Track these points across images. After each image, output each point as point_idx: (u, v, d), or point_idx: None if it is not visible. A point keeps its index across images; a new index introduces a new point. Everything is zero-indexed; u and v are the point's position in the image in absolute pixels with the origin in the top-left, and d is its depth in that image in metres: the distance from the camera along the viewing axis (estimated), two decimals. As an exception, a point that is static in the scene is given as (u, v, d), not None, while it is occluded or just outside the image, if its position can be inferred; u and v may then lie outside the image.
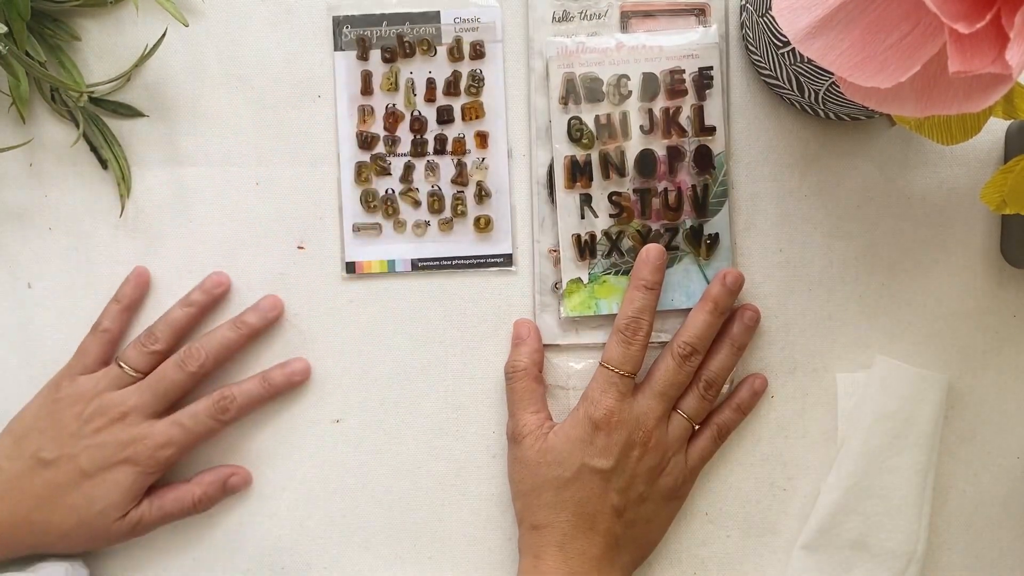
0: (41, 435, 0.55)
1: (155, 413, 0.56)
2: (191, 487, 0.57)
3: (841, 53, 0.37)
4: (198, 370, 0.56)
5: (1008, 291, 0.59)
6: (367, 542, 0.59)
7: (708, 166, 0.57)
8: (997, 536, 0.59)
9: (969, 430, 0.59)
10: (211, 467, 0.59)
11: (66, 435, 0.54)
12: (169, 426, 0.55)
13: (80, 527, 0.54)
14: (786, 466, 0.59)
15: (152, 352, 0.56)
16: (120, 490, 0.54)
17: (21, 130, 0.58)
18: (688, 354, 0.55)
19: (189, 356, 0.56)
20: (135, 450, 0.54)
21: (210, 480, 0.58)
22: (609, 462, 0.54)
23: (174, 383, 0.55)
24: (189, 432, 0.55)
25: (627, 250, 0.58)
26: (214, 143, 0.58)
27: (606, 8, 0.57)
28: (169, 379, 0.55)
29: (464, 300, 0.59)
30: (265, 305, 0.58)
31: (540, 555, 0.54)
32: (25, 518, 0.54)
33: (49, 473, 0.54)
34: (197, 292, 0.58)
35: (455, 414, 0.59)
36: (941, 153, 0.58)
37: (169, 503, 0.57)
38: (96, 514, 0.54)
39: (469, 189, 0.58)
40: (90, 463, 0.54)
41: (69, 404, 0.55)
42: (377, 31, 0.57)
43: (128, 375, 0.56)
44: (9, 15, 0.52)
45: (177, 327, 0.57)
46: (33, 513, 0.54)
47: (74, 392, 0.55)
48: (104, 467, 0.54)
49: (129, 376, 0.56)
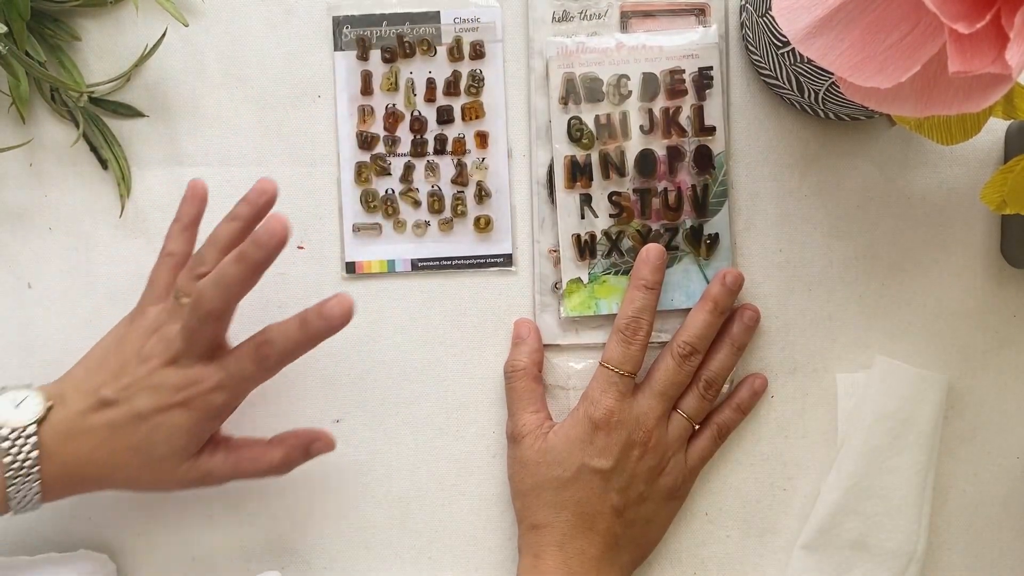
0: (106, 370, 0.52)
1: (201, 355, 0.51)
2: (271, 449, 0.54)
3: (841, 53, 0.37)
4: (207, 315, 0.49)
5: (1008, 291, 0.59)
6: (367, 542, 0.59)
7: (708, 166, 0.57)
8: (997, 536, 0.59)
9: (969, 430, 0.59)
10: (294, 429, 0.55)
11: (125, 373, 0.51)
12: (216, 370, 0.51)
13: (143, 470, 0.51)
14: (786, 466, 0.59)
15: (201, 276, 0.51)
16: (180, 435, 0.51)
17: (21, 130, 0.58)
18: (688, 354, 0.55)
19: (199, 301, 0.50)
20: (188, 394, 0.50)
21: (293, 443, 0.54)
22: (609, 462, 0.54)
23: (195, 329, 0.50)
24: (234, 377, 0.50)
25: (627, 250, 0.58)
26: (214, 143, 0.58)
27: (606, 8, 0.57)
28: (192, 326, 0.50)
29: (464, 300, 0.59)
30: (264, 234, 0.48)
31: (540, 554, 0.54)
32: (88, 456, 0.51)
33: (109, 413, 0.51)
34: (242, 204, 0.52)
35: (455, 414, 0.59)
36: (941, 153, 0.58)
37: (245, 461, 0.53)
38: (159, 459, 0.51)
39: (469, 189, 0.58)
40: (145, 405, 0.50)
41: (134, 339, 0.52)
42: (377, 31, 0.57)
43: (184, 306, 0.51)
44: (9, 15, 0.52)
45: (224, 246, 0.51)
46: (95, 451, 0.51)
47: (141, 326, 0.52)
48: (159, 410, 0.50)
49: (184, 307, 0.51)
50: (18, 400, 0.50)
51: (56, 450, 0.50)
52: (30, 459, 0.49)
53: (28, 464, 0.49)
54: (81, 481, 0.51)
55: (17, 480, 0.49)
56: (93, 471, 0.51)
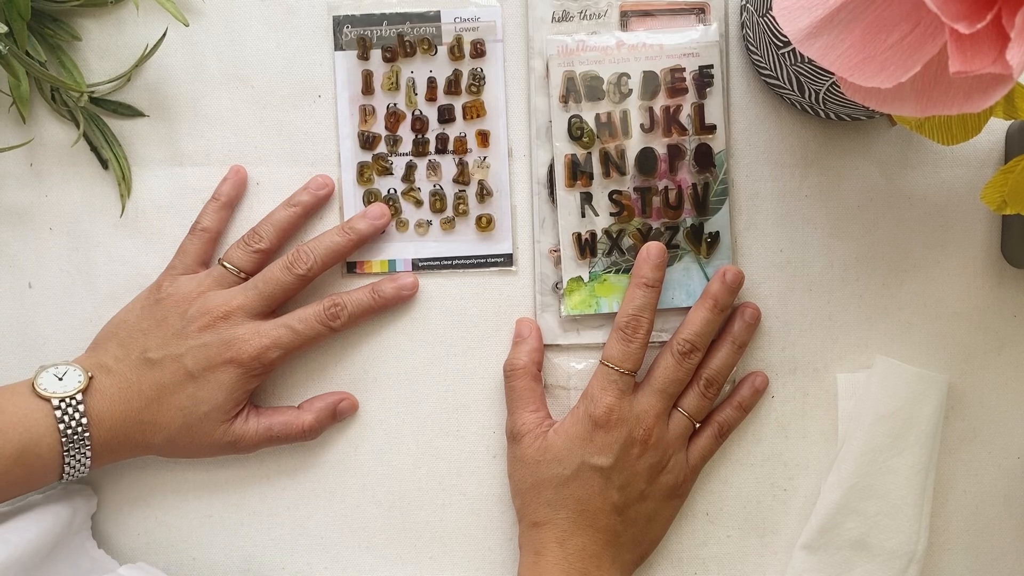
0: (146, 336, 0.54)
1: (259, 314, 0.55)
2: (301, 413, 0.57)
3: (841, 53, 0.37)
4: (306, 273, 0.55)
5: (1008, 291, 0.59)
6: (367, 542, 0.59)
7: (708, 164, 0.57)
8: (997, 536, 0.59)
9: (969, 430, 0.59)
10: (319, 394, 0.58)
11: (171, 335, 0.54)
12: (277, 327, 0.54)
13: (184, 430, 0.54)
14: (786, 466, 0.59)
15: (256, 251, 0.55)
16: (224, 390, 0.53)
17: (21, 130, 0.58)
18: (688, 351, 0.55)
19: (297, 258, 0.55)
20: (239, 350, 0.53)
21: (320, 407, 0.57)
22: (609, 460, 0.54)
23: (280, 284, 0.55)
24: (298, 335, 0.54)
25: (627, 248, 0.58)
26: (214, 143, 0.58)
27: (605, 8, 0.57)
28: (276, 280, 0.55)
29: (464, 300, 0.59)
30: (374, 212, 0.57)
31: (540, 552, 0.54)
32: (136, 417, 0.53)
33: (156, 373, 0.53)
34: (302, 192, 0.57)
35: (455, 414, 0.59)
36: (941, 153, 0.58)
37: (278, 426, 0.56)
38: (201, 416, 0.53)
39: (471, 188, 0.58)
40: (195, 363, 0.53)
41: (173, 304, 0.54)
42: (378, 31, 0.57)
43: (231, 275, 0.55)
44: (9, 15, 0.52)
45: (281, 227, 0.56)
46: (143, 412, 0.53)
47: (177, 292, 0.55)
48: (208, 367, 0.53)
49: (233, 276, 0.55)
50: (60, 374, 0.53)
51: (104, 416, 0.52)
52: (82, 425, 0.51)
53: (80, 430, 0.51)
54: (126, 445, 0.54)
55: (71, 447, 0.51)
56: (137, 434, 0.53)
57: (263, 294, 0.55)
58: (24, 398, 0.51)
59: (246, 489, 0.59)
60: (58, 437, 0.51)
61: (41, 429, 0.51)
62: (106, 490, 0.59)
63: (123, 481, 0.59)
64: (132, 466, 0.59)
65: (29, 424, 0.50)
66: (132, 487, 0.59)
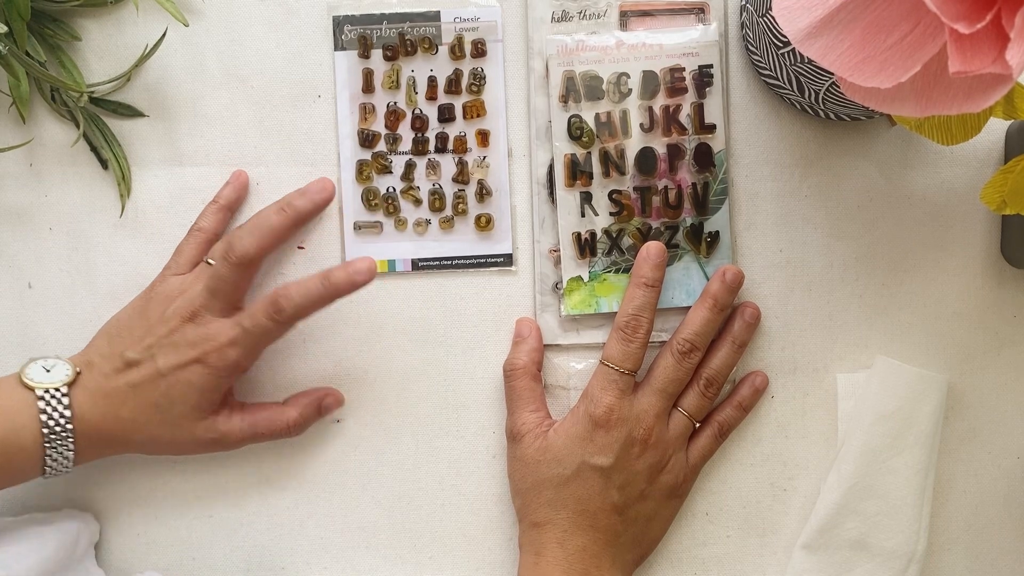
0: (130, 335, 0.54)
1: (221, 312, 0.53)
2: (286, 409, 0.56)
3: (841, 53, 0.37)
4: (239, 261, 0.53)
5: (1008, 291, 0.59)
6: (367, 542, 0.59)
7: (708, 164, 0.57)
8: (997, 536, 0.59)
9: (969, 430, 0.59)
10: (304, 390, 0.58)
11: (149, 335, 0.53)
12: (231, 326, 0.53)
13: (163, 427, 0.53)
14: (786, 466, 0.59)
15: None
16: (196, 390, 0.53)
17: (21, 130, 0.58)
18: (687, 351, 0.55)
19: (230, 249, 0.53)
20: (204, 349, 0.52)
21: (305, 402, 0.57)
22: (609, 459, 0.54)
23: (224, 279, 0.53)
24: (248, 333, 0.52)
25: (627, 248, 0.58)
26: (214, 143, 0.58)
27: (605, 8, 0.57)
28: (220, 276, 0.53)
29: (464, 300, 0.59)
30: (314, 188, 0.56)
31: (541, 552, 0.54)
32: (115, 414, 0.53)
33: (133, 373, 0.53)
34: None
35: (455, 414, 0.59)
36: (941, 153, 0.58)
37: (262, 421, 0.56)
38: (177, 416, 0.53)
39: (470, 187, 0.58)
40: (165, 362, 0.53)
41: (157, 304, 0.54)
42: (378, 30, 0.57)
43: (211, 267, 0.54)
44: (9, 15, 0.52)
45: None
46: (122, 409, 0.53)
47: (162, 292, 0.55)
48: (177, 366, 0.53)
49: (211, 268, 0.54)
50: (49, 366, 0.53)
51: (87, 412, 0.52)
52: (65, 417, 0.51)
53: (63, 423, 0.51)
54: (109, 442, 0.53)
55: (53, 440, 0.51)
56: (119, 431, 0.53)
57: (214, 292, 0.53)
58: (10, 388, 0.51)
59: (246, 489, 0.59)
60: (40, 428, 0.51)
61: (24, 419, 0.51)
62: (106, 490, 0.59)
63: (123, 481, 0.59)
64: (132, 466, 0.59)
65: (12, 414, 0.50)
66: (132, 487, 0.59)
